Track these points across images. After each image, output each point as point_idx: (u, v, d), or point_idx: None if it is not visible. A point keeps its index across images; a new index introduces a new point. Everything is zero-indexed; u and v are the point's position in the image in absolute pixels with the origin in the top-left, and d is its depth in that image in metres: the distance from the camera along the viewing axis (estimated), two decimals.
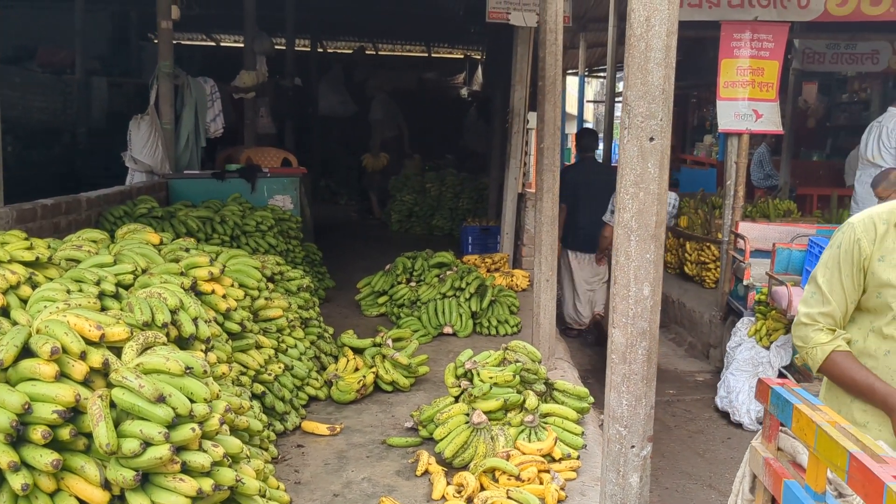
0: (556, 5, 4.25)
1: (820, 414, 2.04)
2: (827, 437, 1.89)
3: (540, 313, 4.68)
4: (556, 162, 4.45)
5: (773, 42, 6.51)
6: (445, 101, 14.79)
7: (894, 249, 2.23)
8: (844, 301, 2.31)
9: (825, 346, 2.31)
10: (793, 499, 2.07)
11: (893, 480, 1.64)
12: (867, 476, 1.69)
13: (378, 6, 11.11)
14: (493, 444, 3.33)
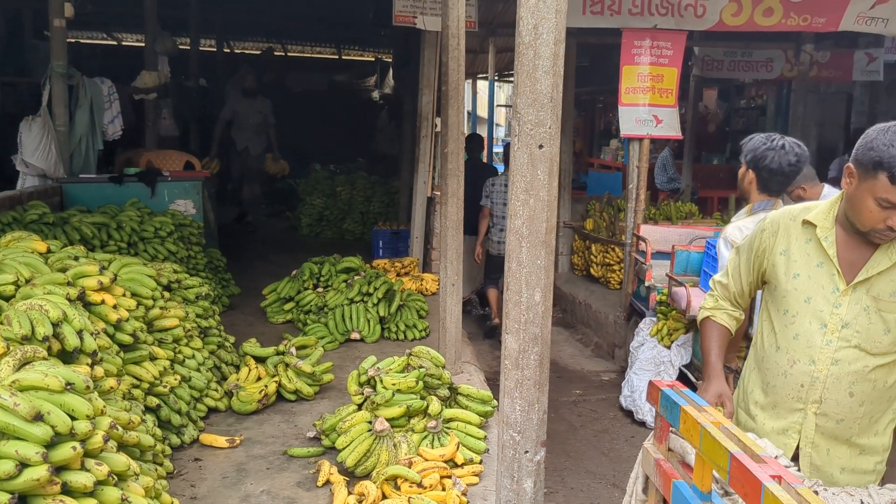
0: (457, 10, 4.25)
1: (705, 415, 2.10)
2: (710, 438, 1.94)
3: (446, 317, 4.68)
4: (459, 166, 4.46)
5: (672, 50, 6.71)
6: (357, 103, 14.68)
7: (798, 246, 2.30)
8: (739, 282, 2.47)
9: (704, 310, 2.55)
10: (681, 499, 2.11)
11: (771, 480, 1.69)
12: (746, 476, 1.74)
13: (287, 7, 10.94)
14: (395, 451, 3.31)
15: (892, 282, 2.16)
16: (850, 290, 2.20)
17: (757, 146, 3.52)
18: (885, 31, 7.39)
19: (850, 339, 2.21)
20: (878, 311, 2.17)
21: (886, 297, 2.16)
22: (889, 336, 2.18)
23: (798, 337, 2.29)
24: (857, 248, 2.20)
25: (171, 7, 9.71)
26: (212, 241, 6.87)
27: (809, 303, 2.26)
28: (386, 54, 14.60)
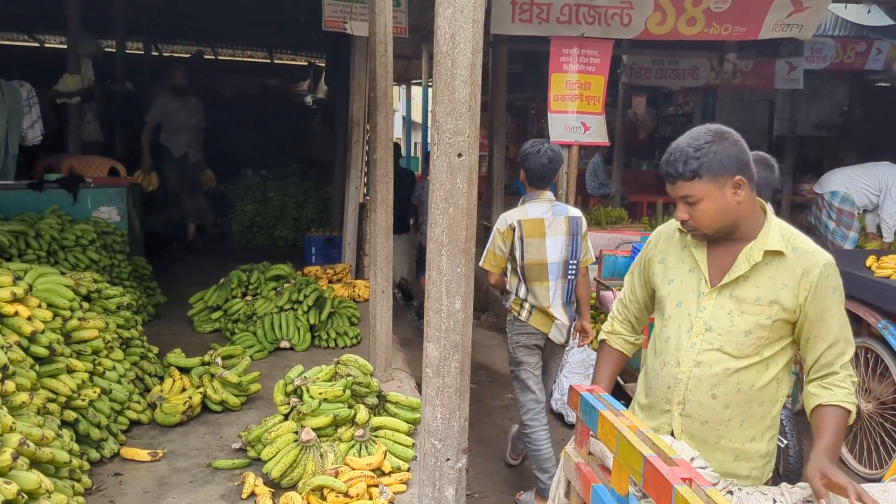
0: (385, 17, 4.25)
1: (622, 420, 2.13)
2: (626, 442, 1.97)
3: (377, 324, 4.66)
4: (388, 173, 4.45)
5: (599, 58, 6.83)
6: (290, 108, 14.52)
7: (675, 253, 2.38)
8: (636, 299, 2.52)
9: (602, 332, 2.59)
10: (599, 502, 2.14)
11: (681, 483, 1.73)
12: (658, 479, 1.77)
13: (217, 9, 10.76)
14: (322, 461, 3.28)
15: (756, 287, 2.22)
16: (714, 294, 2.27)
17: (524, 149, 4.26)
18: (799, 35, 7.66)
19: (713, 342, 2.27)
20: (741, 313, 2.23)
21: (750, 300, 2.22)
22: (750, 339, 2.23)
23: (669, 340, 2.36)
24: (726, 253, 2.27)
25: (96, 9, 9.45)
26: (137, 249, 6.71)
27: (680, 307, 2.33)
28: (319, 59, 14.48)
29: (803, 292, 2.19)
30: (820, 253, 2.24)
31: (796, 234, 2.28)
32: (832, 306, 2.20)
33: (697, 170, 2.13)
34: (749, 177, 2.19)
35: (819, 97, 13.38)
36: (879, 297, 5.05)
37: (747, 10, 7.22)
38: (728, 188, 2.16)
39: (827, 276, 2.19)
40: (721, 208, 2.17)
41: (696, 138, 2.16)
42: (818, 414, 2.22)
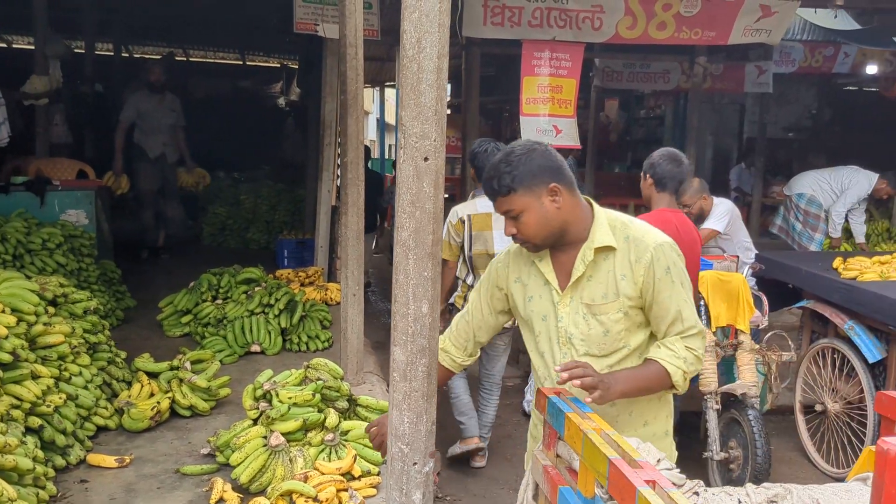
0: (355, 20, 4.24)
1: (588, 422, 2.14)
2: (591, 444, 1.98)
3: (348, 328, 4.64)
4: (359, 176, 4.44)
5: (571, 61, 6.87)
6: (262, 110, 14.44)
7: (527, 270, 2.41)
8: (481, 314, 2.53)
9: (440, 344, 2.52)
10: None
11: (645, 486, 1.74)
12: (623, 481, 1.78)
13: (189, 11, 10.67)
14: (291, 466, 3.26)
15: (600, 284, 2.27)
16: (566, 301, 2.31)
17: (473, 149, 4.77)
18: (768, 40, 7.77)
19: (579, 348, 2.32)
20: (594, 315, 2.28)
21: (598, 300, 2.27)
22: (610, 337, 2.29)
23: (544, 354, 2.41)
24: (567, 258, 2.31)
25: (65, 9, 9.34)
26: (106, 253, 6.64)
27: (546, 320, 2.37)
28: (291, 61, 14.41)
29: (640, 278, 2.24)
30: (651, 236, 2.28)
31: (628, 222, 2.33)
32: (667, 287, 2.24)
33: (511, 184, 2.19)
34: (564, 182, 2.24)
35: (788, 100, 13.56)
36: (846, 299, 5.13)
37: (716, 14, 7.30)
38: (545, 197, 2.21)
39: (658, 259, 2.24)
40: (542, 217, 2.22)
41: (507, 154, 2.22)
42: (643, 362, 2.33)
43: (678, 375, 2.27)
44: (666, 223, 3.85)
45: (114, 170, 8.18)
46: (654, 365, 2.28)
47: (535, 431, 2.66)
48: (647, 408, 2.41)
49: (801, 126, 14.11)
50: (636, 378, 2.28)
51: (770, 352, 4.97)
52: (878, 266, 5.62)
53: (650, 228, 2.34)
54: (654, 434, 2.48)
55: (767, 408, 5.14)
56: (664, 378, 2.27)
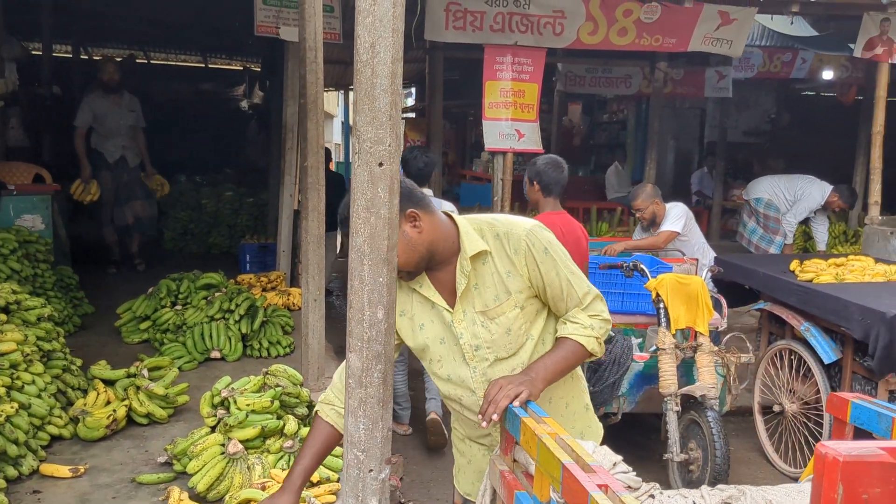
0: (315, 23, 4.22)
1: (543, 427, 2.15)
2: (546, 449, 1.99)
3: (308, 334, 4.61)
4: (319, 180, 4.41)
5: (533, 66, 6.91)
6: (225, 113, 14.30)
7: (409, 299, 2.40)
8: None
9: (319, 403, 2.49)
10: None
11: (597, 490, 1.74)
12: (575, 486, 1.78)
13: (149, 12, 10.54)
14: (249, 473, 3.23)
15: (488, 289, 2.28)
16: (459, 317, 2.31)
17: (404, 156, 5.16)
18: (729, 52, 7.88)
19: (488, 357, 2.33)
20: (491, 320, 2.29)
21: (491, 304, 2.28)
22: (512, 335, 2.31)
23: (451, 377, 2.39)
24: (445, 276, 2.32)
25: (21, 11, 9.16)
26: (63, 258, 6.53)
27: (444, 343, 2.36)
28: (254, 64, 14.31)
29: (523, 268, 2.26)
30: (519, 226, 2.29)
31: (492, 221, 2.33)
32: (551, 266, 2.27)
33: None
34: (420, 205, 2.24)
35: (748, 105, 13.76)
36: (802, 301, 5.22)
37: (676, 21, 7.39)
38: (405, 224, 2.22)
39: (533, 244, 2.26)
40: (407, 244, 2.23)
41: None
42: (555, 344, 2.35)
43: (591, 343, 2.30)
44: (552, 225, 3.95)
45: (82, 177, 7.75)
46: (567, 342, 2.30)
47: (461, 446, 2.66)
48: (563, 390, 2.46)
49: (761, 130, 14.33)
50: (554, 362, 2.29)
51: (729, 354, 5.03)
52: (833, 268, 5.72)
53: (514, 219, 2.35)
54: (576, 412, 2.54)
55: (727, 409, 5.21)
56: (580, 351, 2.30)
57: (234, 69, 15.26)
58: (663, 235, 6.16)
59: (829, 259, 6.05)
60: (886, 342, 4.45)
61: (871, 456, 1.00)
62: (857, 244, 9.17)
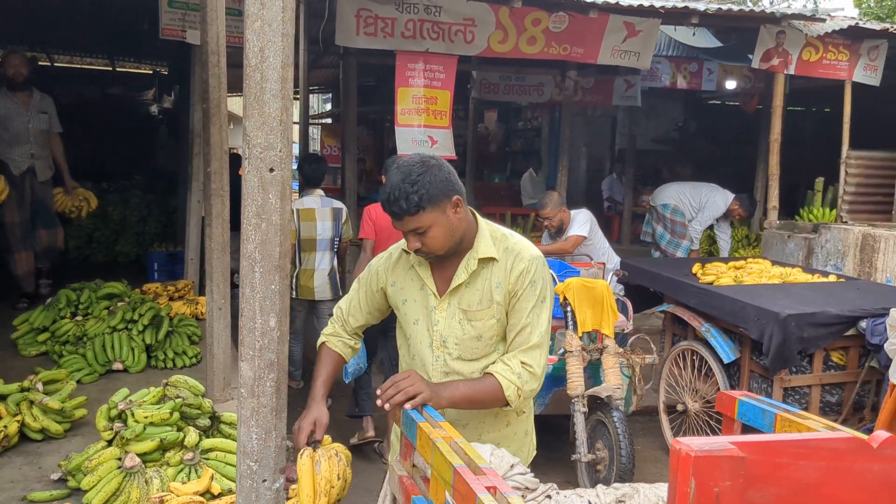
0: (217, 26, 4.15)
1: (438, 431, 2.16)
2: (439, 453, 2.00)
3: (214, 343, 4.52)
4: (224, 186, 4.34)
5: (445, 73, 6.96)
6: (134, 118, 13.88)
7: (404, 273, 2.52)
8: (358, 308, 2.65)
9: (322, 335, 2.69)
10: None
11: (485, 492, 1.76)
12: (465, 488, 1.80)
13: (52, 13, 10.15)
14: (147, 487, 3.13)
15: (477, 291, 2.39)
16: (443, 306, 2.42)
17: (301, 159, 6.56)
18: (637, 64, 8.11)
19: (453, 352, 2.43)
20: (469, 321, 2.40)
21: (474, 306, 2.39)
22: (482, 343, 2.41)
23: (415, 357, 2.51)
24: (448, 265, 2.43)
25: None
26: None
27: (418, 324, 2.48)
28: (163, 67, 13.96)
29: (510, 285, 2.37)
30: (527, 250, 2.41)
31: (508, 235, 2.46)
32: (527, 297, 2.36)
33: (420, 203, 2.25)
34: (462, 193, 2.36)
35: (657, 113, 14.17)
36: (703, 303, 5.40)
37: (584, 32, 7.56)
38: (449, 210, 2.31)
39: (528, 271, 2.36)
40: (448, 230, 2.32)
41: (408, 174, 2.27)
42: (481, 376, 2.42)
43: (510, 390, 2.34)
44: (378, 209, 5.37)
45: None
46: (490, 379, 2.36)
47: (397, 443, 2.69)
48: (509, 410, 2.49)
49: (669, 138, 14.78)
50: (467, 389, 2.36)
51: (634, 355, 5.17)
52: (733, 271, 5.95)
53: (527, 243, 2.47)
54: (516, 433, 2.59)
55: (633, 409, 5.34)
56: (497, 393, 2.34)
57: (143, 73, 14.84)
58: (571, 240, 6.29)
59: (729, 262, 6.28)
60: (780, 341, 4.65)
61: (722, 451, 1.04)
62: (758, 248, 9.55)
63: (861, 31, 8.55)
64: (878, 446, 1.11)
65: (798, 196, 9.52)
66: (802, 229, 8.01)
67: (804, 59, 8.51)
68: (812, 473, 1.08)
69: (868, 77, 8.90)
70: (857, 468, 1.10)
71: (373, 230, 5.53)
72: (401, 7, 6.68)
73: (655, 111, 13.97)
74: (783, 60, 8.38)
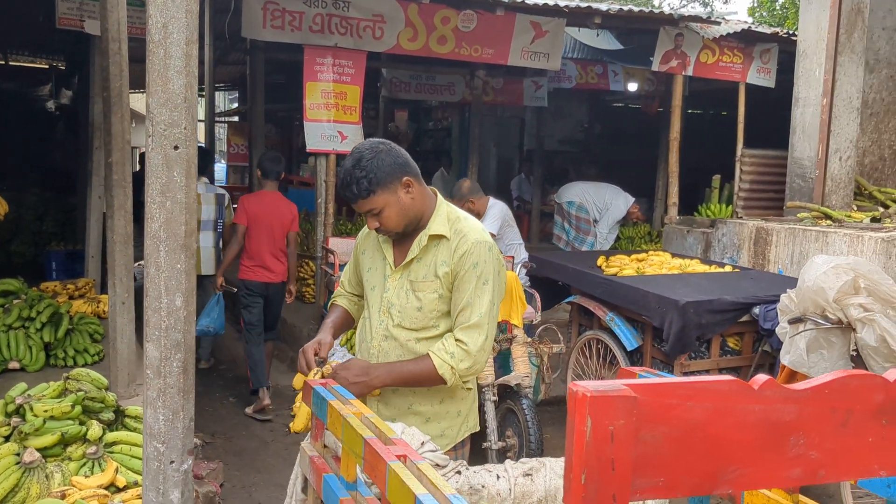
0: (118, 14, 4.04)
1: (349, 407, 2.18)
2: (350, 428, 2.02)
3: (117, 338, 4.40)
4: (126, 177, 4.23)
5: (354, 68, 6.95)
6: (29, 114, 13.29)
7: (373, 245, 2.68)
8: (354, 276, 2.81)
9: (333, 296, 2.89)
10: (329, 492, 2.17)
11: (395, 460, 1.79)
12: (375, 458, 1.82)
13: None
14: (48, 482, 3.03)
15: (425, 266, 2.53)
16: (396, 276, 2.57)
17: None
18: (547, 65, 8.28)
19: (395, 318, 2.56)
20: (413, 291, 2.53)
21: (420, 279, 2.53)
22: (422, 314, 2.53)
23: (366, 320, 2.67)
24: (407, 240, 2.58)
25: None
26: None
27: (374, 290, 2.64)
28: (60, 62, 13.42)
29: (453, 266, 2.49)
30: (475, 233, 2.53)
31: (462, 217, 2.59)
32: (468, 278, 2.48)
33: (370, 186, 2.40)
34: (414, 174, 2.49)
35: (563, 115, 14.50)
36: (607, 293, 5.57)
37: (492, 32, 7.67)
38: (401, 191, 2.44)
39: (469, 253, 2.48)
40: (401, 210, 2.46)
41: (358, 159, 2.42)
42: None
43: (444, 368, 2.44)
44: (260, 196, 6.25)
45: None
46: (425, 359, 2.47)
47: None
48: (444, 387, 2.57)
49: (575, 139, 15.14)
50: (402, 369, 2.49)
51: (542, 344, 5.29)
52: (635, 263, 6.16)
53: (479, 228, 2.58)
54: (448, 412, 2.66)
55: (541, 398, 5.46)
56: (432, 370, 2.46)
57: (38, 67, 14.22)
58: None
59: (631, 255, 6.50)
60: (679, 327, 4.85)
61: (615, 391, 1.10)
62: (659, 243, 9.90)
63: (753, 35, 8.98)
64: (759, 388, 1.19)
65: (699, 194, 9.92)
66: (701, 224, 8.34)
67: (702, 61, 8.87)
68: (699, 413, 1.15)
69: (762, 79, 9.34)
70: (739, 408, 1.18)
71: (245, 217, 6.13)
72: (308, 1, 6.64)
73: (562, 113, 14.29)
74: (681, 62, 8.72)
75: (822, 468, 1.24)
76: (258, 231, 6.10)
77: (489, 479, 2.40)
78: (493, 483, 2.35)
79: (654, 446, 1.12)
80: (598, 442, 1.07)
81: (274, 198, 6.25)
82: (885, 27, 8.58)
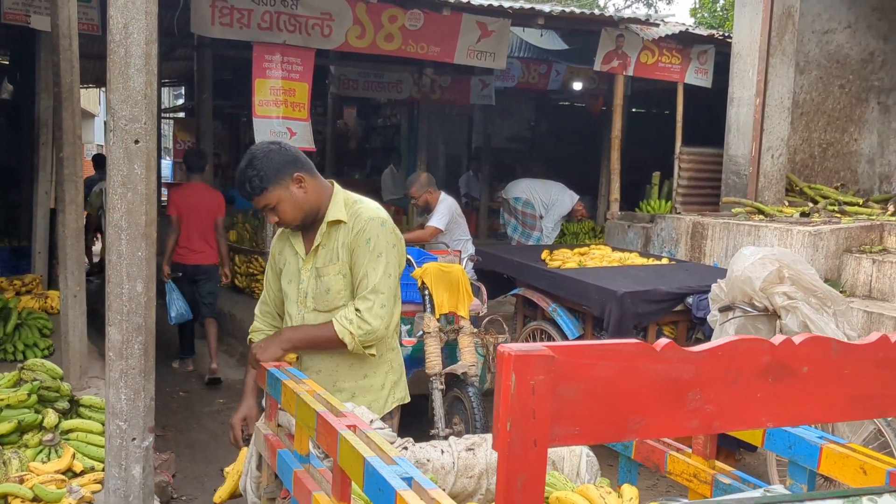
0: (68, 10, 4.10)
1: (302, 385, 2.33)
2: (303, 403, 2.17)
3: (69, 331, 4.45)
4: (77, 172, 4.28)
5: (302, 66, 7.04)
6: None
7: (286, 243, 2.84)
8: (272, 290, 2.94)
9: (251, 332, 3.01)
10: (284, 466, 2.31)
11: (346, 429, 1.95)
12: (327, 429, 1.98)
13: None
14: (6, 468, 3.10)
15: (328, 251, 2.72)
16: (307, 266, 2.77)
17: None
18: (493, 64, 8.46)
19: (310, 305, 2.76)
20: (320, 276, 2.73)
21: (326, 263, 2.72)
22: (331, 295, 2.73)
23: (289, 313, 2.84)
24: (312, 231, 2.77)
25: None
26: None
27: (290, 283, 2.82)
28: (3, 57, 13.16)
29: (351, 244, 2.67)
30: (367, 212, 2.72)
31: (358, 200, 2.79)
32: (363, 252, 2.66)
33: (261, 184, 2.58)
34: (305, 170, 2.66)
35: (510, 113, 14.73)
36: (551, 285, 5.78)
37: (439, 31, 7.83)
38: (293, 186, 2.63)
39: (364, 230, 2.67)
40: (295, 203, 2.64)
41: (251, 159, 2.61)
42: None
43: (343, 333, 2.63)
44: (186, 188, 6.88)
45: None
46: (328, 325, 2.67)
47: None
48: (365, 362, 2.79)
49: (522, 137, 15.39)
50: (306, 334, 2.72)
51: (488, 335, 5.47)
52: (577, 256, 6.39)
53: (374, 207, 2.77)
54: (372, 386, 2.85)
55: (487, 386, 5.64)
56: (333, 337, 2.66)
57: None
58: (429, 230, 6.55)
59: (574, 248, 6.74)
60: (618, 316, 5.08)
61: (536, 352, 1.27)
62: (601, 238, 10.19)
63: (691, 37, 9.31)
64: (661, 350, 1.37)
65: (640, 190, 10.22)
66: (641, 219, 8.64)
67: (642, 61, 9.17)
68: (609, 371, 1.33)
69: (699, 79, 9.68)
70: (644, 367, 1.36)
71: (175, 209, 6.73)
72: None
73: (509, 111, 14.52)
74: (622, 63, 9.00)
75: (716, 420, 1.44)
76: (188, 219, 6.74)
77: (434, 454, 2.57)
78: (437, 457, 2.52)
79: (570, 399, 1.29)
80: (522, 395, 1.24)
81: (200, 188, 6.92)
82: (814, 30, 8.99)
